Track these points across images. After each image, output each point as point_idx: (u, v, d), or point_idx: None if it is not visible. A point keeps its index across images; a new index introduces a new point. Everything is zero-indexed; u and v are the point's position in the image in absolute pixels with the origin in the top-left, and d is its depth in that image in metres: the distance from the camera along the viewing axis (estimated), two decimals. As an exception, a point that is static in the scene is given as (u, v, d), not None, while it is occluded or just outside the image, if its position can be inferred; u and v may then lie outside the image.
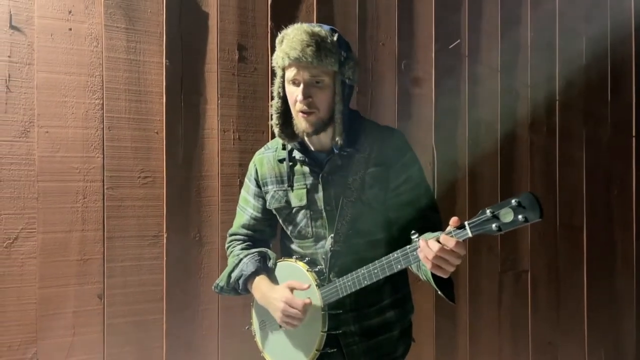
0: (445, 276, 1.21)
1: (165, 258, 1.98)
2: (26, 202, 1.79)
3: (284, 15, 2.18)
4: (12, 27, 1.76)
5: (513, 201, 1.07)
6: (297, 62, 1.33)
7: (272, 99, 1.48)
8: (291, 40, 1.34)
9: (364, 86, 2.36)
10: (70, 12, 1.84)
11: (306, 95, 1.35)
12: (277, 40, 1.40)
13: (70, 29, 1.85)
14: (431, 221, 1.35)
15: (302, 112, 1.36)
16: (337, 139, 1.38)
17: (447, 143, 2.55)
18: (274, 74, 1.49)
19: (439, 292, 1.28)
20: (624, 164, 3.16)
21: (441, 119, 2.53)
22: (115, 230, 1.91)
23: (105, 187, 1.89)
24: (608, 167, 3.10)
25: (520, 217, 1.07)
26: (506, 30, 2.72)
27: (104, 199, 1.89)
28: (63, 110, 1.84)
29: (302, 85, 1.35)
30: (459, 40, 2.56)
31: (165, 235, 1.98)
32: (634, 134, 3.15)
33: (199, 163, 2.05)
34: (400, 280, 1.53)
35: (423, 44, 2.50)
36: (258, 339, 1.59)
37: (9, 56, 1.76)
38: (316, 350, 1.38)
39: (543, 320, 2.85)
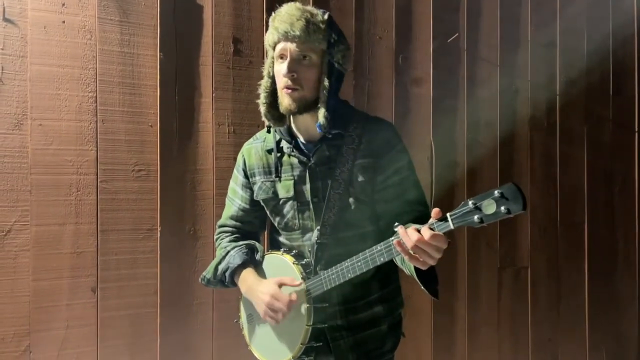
0: (423, 268, 1.18)
1: (159, 252, 1.97)
2: (19, 195, 1.78)
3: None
4: (5, 19, 1.76)
5: (496, 192, 1.05)
6: (285, 36, 1.33)
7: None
8: (282, 15, 1.35)
9: (361, 80, 2.34)
10: (63, 4, 1.84)
11: (291, 70, 1.33)
12: (270, 19, 1.39)
13: (64, 22, 1.84)
14: (419, 215, 1.32)
15: (287, 87, 1.35)
16: (320, 119, 1.35)
17: (445, 139, 2.53)
18: (266, 56, 1.46)
19: (422, 287, 1.25)
20: (626, 160, 3.12)
21: (439, 114, 2.51)
22: (108, 224, 1.91)
23: (98, 180, 1.89)
24: (610, 163, 3.06)
25: (502, 208, 1.04)
26: (506, 24, 2.69)
27: (97, 192, 1.89)
28: (56, 103, 1.83)
29: (288, 59, 1.33)
30: (457, 34, 2.54)
31: (159, 229, 1.98)
32: (636, 129, 3.12)
33: (193, 156, 2.04)
34: (390, 274, 1.51)
35: (421, 37, 2.48)
36: (245, 332, 1.57)
37: (2, 49, 1.76)
38: (301, 344, 1.36)
39: (543, 317, 2.82)
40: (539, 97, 2.81)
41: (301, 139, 1.46)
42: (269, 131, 1.51)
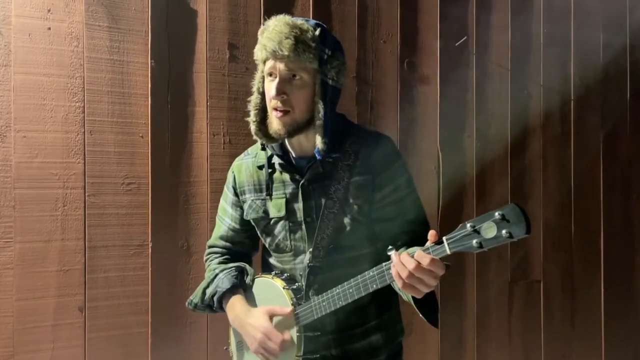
0: (418, 296, 1.10)
1: (150, 268, 1.89)
2: (2, 210, 1.71)
3: (277, 12, 2.03)
4: (-13, 26, 1.68)
5: (496, 214, 0.95)
6: (273, 55, 1.24)
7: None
8: (270, 31, 1.24)
9: (364, 86, 2.23)
10: (49, 10, 1.76)
11: (280, 91, 1.23)
12: (259, 32, 1.30)
13: (50, 28, 1.76)
14: (418, 236, 1.21)
15: (276, 109, 1.26)
16: (318, 144, 1.26)
17: (453, 146, 2.42)
18: (256, 70, 1.37)
19: (420, 315, 1.17)
20: (644, 166, 2.98)
21: (447, 121, 2.40)
22: (97, 240, 1.82)
23: (86, 194, 1.81)
24: (627, 170, 2.93)
25: (504, 232, 0.95)
26: (517, 25, 2.57)
27: (85, 206, 1.80)
28: (42, 114, 1.75)
29: (277, 79, 1.24)
30: (465, 37, 2.42)
31: (150, 245, 1.89)
32: (655, 136, 2.98)
33: (186, 168, 1.95)
34: (388, 299, 1.41)
35: (427, 41, 2.37)
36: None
37: (-16, 57, 1.68)
38: None
39: (557, 333, 2.70)
40: (552, 103, 2.69)
41: (294, 154, 1.37)
42: (263, 148, 1.41)
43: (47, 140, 1.75)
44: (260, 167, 1.40)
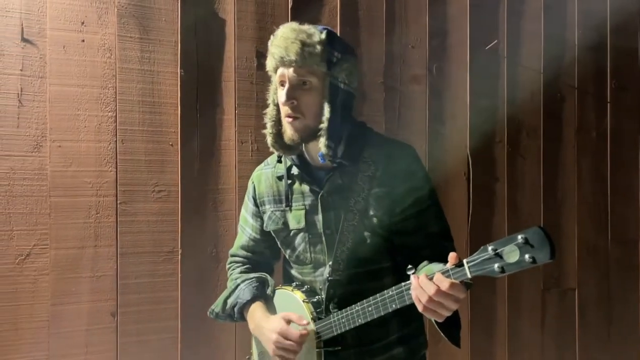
0: (440, 320, 1.07)
1: (180, 275, 1.91)
2: (38, 218, 1.76)
3: (305, 20, 2.05)
4: (23, 39, 1.73)
5: (519, 237, 0.92)
6: (281, 62, 1.24)
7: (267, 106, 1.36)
8: (278, 39, 1.25)
9: (391, 92, 2.21)
10: (83, 23, 1.80)
11: (289, 97, 1.22)
12: (269, 43, 1.30)
13: (83, 40, 1.80)
14: (441, 251, 1.17)
15: (288, 116, 1.25)
16: (321, 149, 1.24)
17: (483, 152, 2.37)
18: (270, 82, 1.37)
19: (442, 334, 1.14)
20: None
21: (477, 126, 2.35)
22: (128, 246, 1.86)
23: (118, 201, 1.84)
24: (667, 175, 2.82)
25: (527, 257, 0.91)
26: (550, 27, 2.50)
27: (117, 214, 1.84)
28: (75, 124, 1.80)
29: (286, 86, 1.24)
30: (496, 41, 2.38)
31: (180, 251, 1.91)
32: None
33: (215, 176, 1.97)
34: (411, 312, 1.37)
35: (457, 45, 2.33)
36: (257, 370, 1.48)
37: (21, 70, 1.73)
38: None
39: (592, 344, 2.62)
40: (587, 104, 2.61)
41: (313, 165, 1.35)
42: (279, 160, 1.40)
43: (80, 150, 1.80)
44: (280, 178, 1.39)
